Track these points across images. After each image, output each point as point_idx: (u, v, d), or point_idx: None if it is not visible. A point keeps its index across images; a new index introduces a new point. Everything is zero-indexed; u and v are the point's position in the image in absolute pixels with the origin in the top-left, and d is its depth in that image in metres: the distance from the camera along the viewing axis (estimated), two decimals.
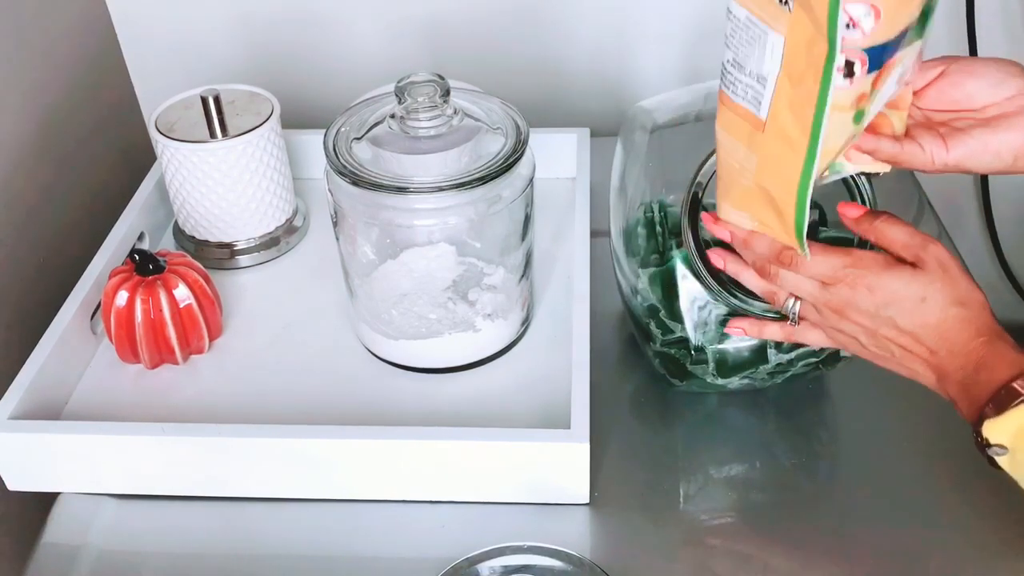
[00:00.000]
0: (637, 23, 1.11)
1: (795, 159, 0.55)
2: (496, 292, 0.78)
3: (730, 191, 0.62)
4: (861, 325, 0.62)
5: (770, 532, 0.70)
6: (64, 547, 0.71)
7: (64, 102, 1.02)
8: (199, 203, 0.88)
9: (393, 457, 0.69)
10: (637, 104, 0.79)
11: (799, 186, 0.56)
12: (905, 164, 0.61)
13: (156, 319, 0.77)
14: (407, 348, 0.78)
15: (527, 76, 1.14)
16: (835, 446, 0.76)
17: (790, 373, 0.74)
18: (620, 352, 0.84)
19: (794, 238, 0.59)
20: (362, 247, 0.77)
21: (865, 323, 0.62)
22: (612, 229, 0.79)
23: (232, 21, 1.12)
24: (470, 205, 0.72)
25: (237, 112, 0.88)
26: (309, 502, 0.73)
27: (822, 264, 0.62)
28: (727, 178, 0.61)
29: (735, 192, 0.61)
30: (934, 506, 0.71)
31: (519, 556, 0.64)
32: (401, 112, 0.73)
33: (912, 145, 0.60)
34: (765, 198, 0.59)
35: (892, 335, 0.61)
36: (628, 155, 0.77)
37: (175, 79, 1.13)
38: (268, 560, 0.70)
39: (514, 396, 0.77)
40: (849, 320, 0.62)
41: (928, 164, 0.60)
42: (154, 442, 0.69)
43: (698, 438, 0.77)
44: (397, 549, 0.70)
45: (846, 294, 0.61)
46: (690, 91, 0.77)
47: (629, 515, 0.71)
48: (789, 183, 0.56)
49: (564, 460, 0.68)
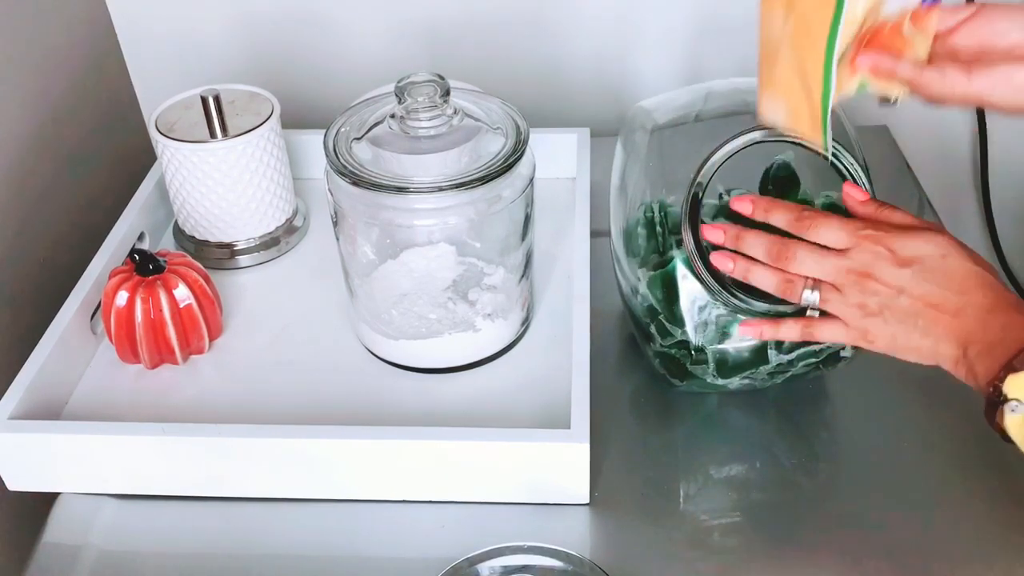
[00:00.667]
0: (637, 23, 1.11)
1: (825, 14, 0.58)
2: (496, 292, 0.78)
3: (770, 75, 0.64)
4: (888, 286, 0.62)
5: (770, 532, 0.70)
6: (64, 547, 0.71)
7: (64, 102, 1.02)
8: (199, 203, 0.88)
9: (393, 457, 0.69)
10: (637, 104, 0.79)
11: (827, 45, 0.59)
12: (923, 89, 0.61)
13: (156, 319, 0.77)
14: (407, 348, 0.78)
15: (527, 76, 1.14)
16: (835, 446, 0.76)
17: (790, 373, 0.74)
18: (620, 352, 0.84)
19: (819, 122, 0.61)
20: (362, 247, 0.77)
21: (891, 283, 0.61)
22: (612, 229, 0.79)
23: (232, 21, 1.12)
24: (470, 205, 0.72)
25: (237, 112, 0.88)
26: (309, 502, 0.73)
27: (838, 230, 0.63)
28: (768, 59, 0.64)
29: (774, 74, 0.63)
30: (934, 506, 0.70)
31: (519, 556, 0.64)
32: (401, 112, 0.73)
33: (932, 71, 0.61)
34: (798, 75, 0.61)
35: (921, 292, 0.61)
36: (628, 155, 0.77)
37: (175, 79, 1.13)
38: (268, 560, 0.70)
39: (514, 396, 0.77)
40: (875, 282, 0.62)
41: (947, 91, 0.61)
42: (154, 442, 0.69)
43: (698, 438, 0.77)
44: (397, 549, 0.70)
45: (868, 256, 0.62)
46: (690, 91, 0.77)
47: (629, 515, 0.71)
48: (818, 43, 0.59)
49: (564, 460, 0.68)
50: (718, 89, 0.76)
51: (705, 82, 0.78)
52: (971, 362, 0.60)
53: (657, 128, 0.75)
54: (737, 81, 0.76)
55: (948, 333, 0.61)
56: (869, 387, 0.78)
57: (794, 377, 0.74)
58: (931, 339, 0.61)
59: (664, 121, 0.75)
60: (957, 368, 0.61)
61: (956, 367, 0.61)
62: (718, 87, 0.76)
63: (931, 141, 1.17)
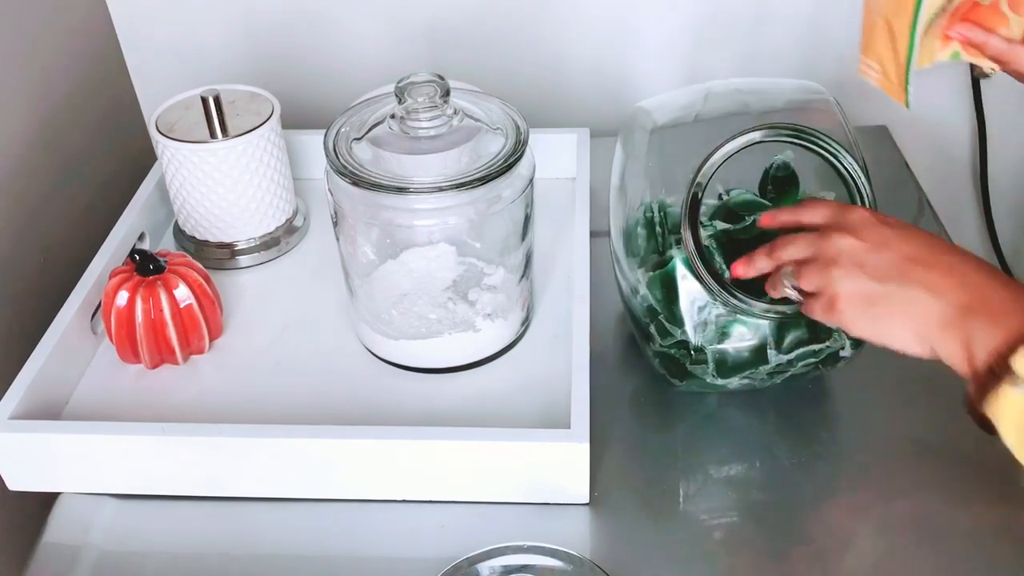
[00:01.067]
0: (637, 24, 1.11)
1: None
2: (496, 292, 0.78)
3: (870, 38, 0.69)
4: (868, 242, 0.58)
5: (770, 532, 0.70)
6: (64, 547, 0.71)
7: (65, 102, 1.03)
8: (199, 203, 0.88)
9: (393, 457, 0.69)
10: (637, 104, 0.79)
11: (914, 10, 0.64)
12: (1012, 65, 0.64)
13: (156, 319, 0.77)
14: (407, 348, 0.78)
15: (527, 76, 1.14)
16: (835, 446, 0.76)
17: (790, 373, 0.74)
18: (620, 352, 0.84)
19: (903, 81, 0.66)
20: (362, 247, 0.77)
21: (872, 238, 0.58)
22: (612, 229, 0.79)
23: (232, 21, 1.12)
24: (470, 205, 0.72)
25: (237, 112, 0.88)
26: (309, 502, 0.73)
27: (824, 208, 0.63)
28: (869, 23, 0.69)
29: (873, 37, 0.68)
30: (933, 506, 0.70)
31: (519, 556, 0.64)
32: (401, 112, 0.73)
33: (1022, 48, 0.63)
34: (889, 37, 0.66)
35: (909, 249, 0.57)
36: (628, 155, 0.77)
37: (175, 79, 1.13)
38: (268, 560, 0.70)
39: (514, 396, 0.77)
40: (852, 239, 0.59)
41: None
42: (154, 442, 0.69)
43: (698, 438, 0.77)
44: (397, 549, 0.70)
45: (852, 218, 0.61)
46: (690, 91, 0.77)
47: (629, 515, 0.71)
48: (907, 8, 0.64)
49: (564, 460, 0.68)
50: (717, 90, 0.76)
51: (705, 83, 0.78)
52: (968, 330, 0.54)
53: (657, 128, 0.75)
54: (736, 82, 0.76)
55: (941, 287, 0.55)
56: (869, 387, 0.78)
57: (794, 377, 0.75)
58: (916, 292, 0.56)
59: (664, 121, 0.75)
60: (946, 332, 0.55)
61: (946, 331, 0.55)
62: (717, 88, 0.76)
63: (931, 141, 1.17)
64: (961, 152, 1.19)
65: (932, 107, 1.16)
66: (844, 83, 0.92)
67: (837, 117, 0.72)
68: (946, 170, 1.20)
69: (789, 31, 1.10)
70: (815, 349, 0.72)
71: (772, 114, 0.70)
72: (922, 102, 1.17)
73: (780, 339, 0.71)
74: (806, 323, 0.71)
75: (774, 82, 0.79)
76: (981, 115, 1.14)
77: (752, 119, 0.68)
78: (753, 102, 0.68)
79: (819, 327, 0.71)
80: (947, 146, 1.19)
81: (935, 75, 1.13)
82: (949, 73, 1.13)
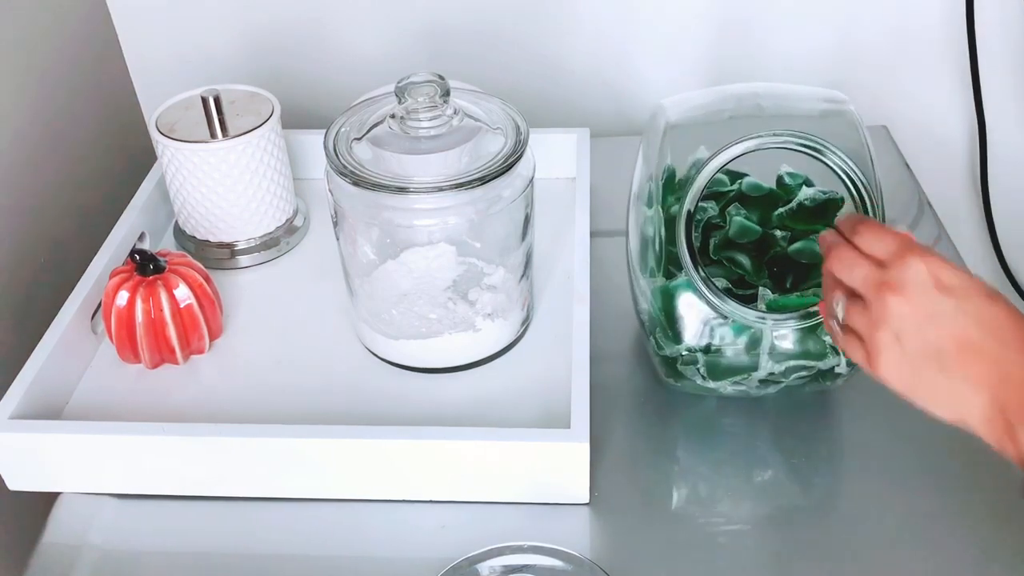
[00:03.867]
0: (637, 23, 1.11)
1: None
2: (496, 292, 0.78)
3: None
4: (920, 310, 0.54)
5: (770, 532, 0.70)
6: (64, 547, 0.71)
7: (65, 102, 1.03)
8: (199, 203, 0.88)
9: (393, 457, 0.69)
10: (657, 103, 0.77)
11: None
12: None
13: (156, 319, 0.77)
14: (407, 348, 0.78)
15: (527, 76, 1.14)
16: (835, 447, 0.76)
17: (783, 385, 0.73)
18: (620, 352, 0.84)
19: None
20: (362, 247, 0.77)
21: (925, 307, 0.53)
22: (629, 236, 0.78)
23: (232, 21, 1.12)
24: (470, 205, 0.72)
25: (237, 112, 0.88)
26: (309, 502, 0.73)
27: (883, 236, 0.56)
28: None
29: None
30: (934, 510, 0.70)
31: (519, 556, 0.64)
32: (401, 112, 0.73)
33: None
34: None
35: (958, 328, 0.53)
36: (645, 163, 0.76)
37: (175, 79, 1.13)
38: (268, 560, 0.70)
39: (514, 396, 0.77)
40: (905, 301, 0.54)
41: None
42: (154, 442, 0.69)
43: (698, 438, 0.77)
44: (397, 549, 0.70)
45: (908, 273, 0.54)
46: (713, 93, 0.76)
47: (629, 515, 0.71)
48: None
49: (564, 460, 0.68)
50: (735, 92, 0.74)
51: (722, 85, 0.76)
52: (1011, 425, 0.52)
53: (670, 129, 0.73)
54: (759, 86, 0.74)
55: (982, 382, 0.52)
56: (870, 390, 0.78)
57: (793, 389, 0.74)
58: (958, 383, 0.53)
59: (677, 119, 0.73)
60: (989, 427, 0.53)
61: (988, 426, 0.53)
62: (736, 91, 0.74)
63: (931, 141, 1.17)
64: (961, 152, 1.19)
65: (932, 107, 1.16)
66: (843, 83, 0.92)
67: (857, 130, 0.70)
68: (946, 170, 1.20)
69: (789, 31, 1.10)
70: (806, 363, 0.71)
71: (790, 119, 0.68)
72: (922, 102, 1.18)
73: (772, 348, 0.71)
74: (796, 338, 0.70)
75: (794, 89, 0.76)
76: (981, 115, 1.14)
77: (764, 122, 0.66)
78: (770, 107, 0.66)
79: (809, 343, 0.70)
80: (947, 146, 1.19)
81: (935, 75, 1.14)
82: (949, 73, 1.13)
